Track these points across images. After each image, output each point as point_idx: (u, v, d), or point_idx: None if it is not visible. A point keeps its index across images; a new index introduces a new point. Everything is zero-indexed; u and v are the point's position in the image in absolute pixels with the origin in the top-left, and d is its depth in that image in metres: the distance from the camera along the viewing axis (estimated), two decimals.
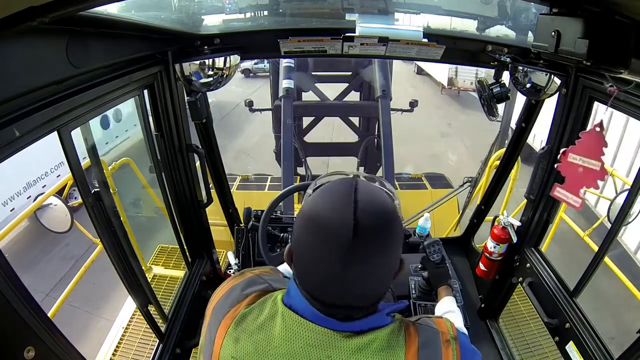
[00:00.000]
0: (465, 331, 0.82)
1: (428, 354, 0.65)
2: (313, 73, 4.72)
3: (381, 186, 0.72)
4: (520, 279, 1.67)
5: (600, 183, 1.19)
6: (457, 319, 1.13)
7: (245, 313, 0.67)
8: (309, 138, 5.31)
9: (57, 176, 5.86)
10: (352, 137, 5.48)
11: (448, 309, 1.21)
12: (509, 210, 2.08)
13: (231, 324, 0.67)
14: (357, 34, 1.33)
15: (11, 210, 5.21)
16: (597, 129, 1.18)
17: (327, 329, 0.63)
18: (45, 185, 5.73)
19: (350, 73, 5.10)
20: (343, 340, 0.63)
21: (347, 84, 5.20)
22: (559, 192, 1.34)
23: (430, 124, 10.98)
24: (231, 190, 2.24)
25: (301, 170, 4.92)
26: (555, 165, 1.32)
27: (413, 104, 5.43)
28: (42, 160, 5.55)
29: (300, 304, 0.65)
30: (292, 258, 0.67)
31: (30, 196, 5.47)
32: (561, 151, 1.31)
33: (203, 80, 1.37)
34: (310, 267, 0.62)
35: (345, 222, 0.58)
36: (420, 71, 16.85)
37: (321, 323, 0.63)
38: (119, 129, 7.42)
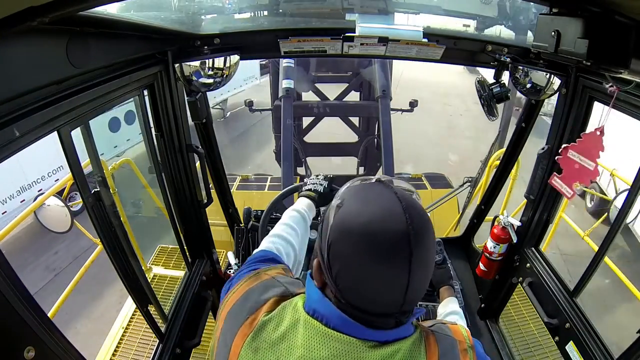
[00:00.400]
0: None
1: None
2: (313, 73, 4.71)
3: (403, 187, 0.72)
4: (520, 279, 1.67)
5: (590, 182, 1.28)
6: (461, 321, 1.13)
7: (264, 322, 0.66)
8: (309, 138, 5.30)
9: (56, 180, 5.67)
10: (352, 137, 5.47)
11: (451, 310, 1.21)
12: (509, 210, 2.08)
13: (250, 333, 0.65)
14: (357, 34, 1.33)
15: (2, 214, 5.06)
16: (598, 132, 1.19)
17: (353, 337, 0.61)
18: (41, 190, 5.53)
19: (350, 73, 5.10)
20: (368, 350, 0.61)
21: (347, 84, 5.20)
22: (556, 181, 1.40)
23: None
24: (231, 190, 2.24)
25: (301, 170, 4.92)
26: (556, 158, 1.36)
27: (413, 104, 5.43)
28: (39, 163, 5.45)
29: (327, 310, 0.63)
30: (324, 274, 0.63)
31: (24, 200, 5.33)
32: (562, 146, 1.34)
33: (203, 80, 1.37)
34: (365, 282, 0.59)
35: (404, 231, 0.57)
36: None
37: (348, 332, 0.62)
38: (132, 132, 6.86)
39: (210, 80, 1.38)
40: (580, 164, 1.28)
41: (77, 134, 0.98)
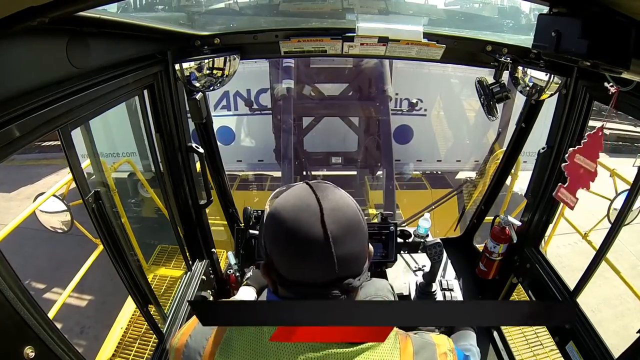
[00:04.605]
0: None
1: None
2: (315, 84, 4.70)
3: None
4: (520, 279, 1.67)
5: (591, 184, 1.23)
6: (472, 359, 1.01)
7: (228, 337, 0.68)
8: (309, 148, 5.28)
9: None
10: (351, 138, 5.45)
11: (463, 344, 1.08)
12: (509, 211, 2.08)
13: (217, 350, 0.68)
14: (357, 33, 1.33)
15: None
16: (600, 133, 1.18)
17: None
18: None
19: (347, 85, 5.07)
20: (337, 350, 0.63)
21: (347, 84, 5.20)
22: (562, 193, 1.34)
23: None
24: (231, 190, 2.24)
25: None
26: (562, 166, 1.33)
27: (413, 105, 5.42)
28: None
29: None
30: (270, 271, 0.68)
31: None
32: (570, 150, 1.30)
33: (203, 81, 1.37)
34: (297, 256, 0.64)
35: (315, 208, 0.63)
36: None
37: None
38: None
39: (210, 80, 1.38)
40: (585, 167, 1.24)
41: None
